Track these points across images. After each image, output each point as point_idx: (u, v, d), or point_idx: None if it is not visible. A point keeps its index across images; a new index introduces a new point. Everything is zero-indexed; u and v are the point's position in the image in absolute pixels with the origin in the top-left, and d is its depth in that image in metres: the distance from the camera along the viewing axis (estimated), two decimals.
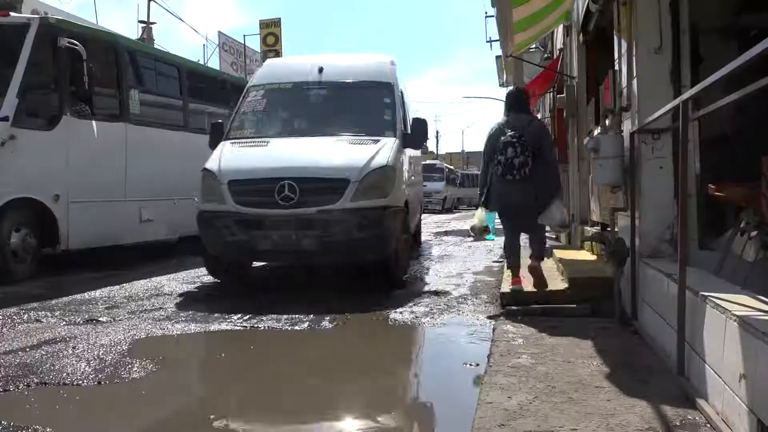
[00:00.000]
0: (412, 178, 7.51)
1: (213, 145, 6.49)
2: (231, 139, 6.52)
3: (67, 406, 2.91)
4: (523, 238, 5.23)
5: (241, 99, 7.17)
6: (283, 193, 5.47)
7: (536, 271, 4.90)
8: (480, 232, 5.25)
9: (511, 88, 6.89)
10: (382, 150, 5.93)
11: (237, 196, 5.62)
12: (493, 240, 10.41)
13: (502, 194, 4.88)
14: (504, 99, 5.40)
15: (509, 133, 4.76)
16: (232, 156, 6.13)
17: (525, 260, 5.05)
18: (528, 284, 4.93)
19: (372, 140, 6.16)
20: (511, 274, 5.03)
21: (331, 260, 6.35)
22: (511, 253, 5.08)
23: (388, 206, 5.68)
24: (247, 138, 6.57)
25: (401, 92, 7.39)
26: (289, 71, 7.50)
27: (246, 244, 5.63)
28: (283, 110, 7.22)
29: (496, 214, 5.31)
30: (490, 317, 4.62)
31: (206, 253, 6.00)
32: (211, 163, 6.02)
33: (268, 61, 8.73)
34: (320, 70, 7.04)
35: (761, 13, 4.88)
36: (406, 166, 6.69)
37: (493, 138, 4.90)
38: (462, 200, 33.38)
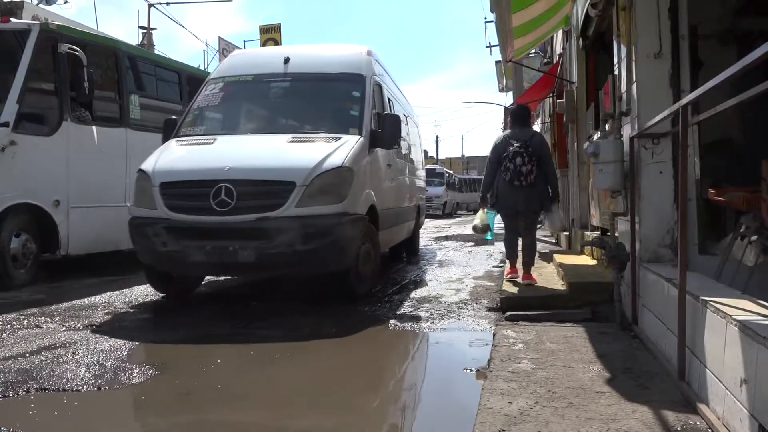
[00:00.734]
0: (390, 182, 6.71)
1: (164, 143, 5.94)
2: (180, 136, 5.92)
3: (67, 411, 2.90)
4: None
5: (197, 93, 6.60)
6: (218, 198, 4.83)
7: (527, 269, 5.57)
8: (482, 231, 6.06)
9: (515, 105, 7.20)
10: (340, 149, 5.26)
11: (169, 201, 5.02)
12: (491, 239, 10.72)
13: (509, 198, 5.47)
14: (509, 114, 6.24)
15: (516, 144, 5.42)
16: (170, 156, 5.51)
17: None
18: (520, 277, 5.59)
19: (331, 138, 5.50)
20: (509, 264, 5.87)
21: (274, 275, 5.87)
22: (509, 248, 5.87)
23: (343, 213, 5.00)
24: (196, 135, 5.92)
25: (379, 85, 6.74)
26: (253, 62, 6.83)
27: (177, 256, 4.97)
28: (240, 105, 6.58)
29: (497, 215, 6.00)
30: (490, 322, 4.62)
31: (145, 264, 5.43)
32: (147, 164, 5.41)
33: (235, 51, 7.88)
34: (286, 60, 6.41)
35: (760, 18, 4.91)
36: (378, 168, 6.10)
37: (500, 148, 5.54)
38: (460, 205, 33.32)
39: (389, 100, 7.33)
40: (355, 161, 5.29)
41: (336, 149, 5.25)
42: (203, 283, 6.50)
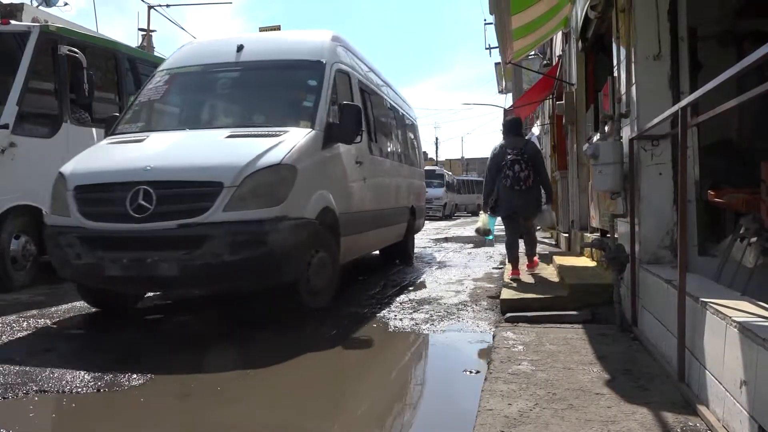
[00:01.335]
0: (360, 181, 6.03)
1: None
2: (116, 134, 5.43)
3: (67, 413, 2.90)
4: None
5: (142, 86, 6.13)
6: (136, 202, 4.26)
7: (530, 259, 6.32)
8: (483, 234, 6.59)
9: (507, 118, 7.66)
10: (282, 144, 4.64)
11: (83, 207, 4.47)
12: (492, 240, 10.75)
13: (510, 201, 6.00)
14: (503, 126, 6.66)
15: (513, 152, 5.94)
16: (93, 155, 4.99)
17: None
18: (526, 278, 5.97)
19: (276, 132, 4.88)
20: (511, 267, 6.09)
21: (204, 290, 5.28)
22: (511, 250, 6.18)
23: (280, 218, 4.36)
24: (130, 133, 5.38)
25: (346, 75, 6.13)
26: (204, 52, 6.26)
27: (93, 270, 4.38)
28: (182, 98, 6.04)
29: (498, 218, 6.39)
30: (490, 324, 4.62)
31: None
32: (66, 165, 4.89)
33: (192, 41, 7.15)
34: (239, 48, 5.85)
35: (759, 19, 4.91)
36: (339, 165, 5.48)
37: (498, 157, 6.08)
38: (459, 207, 33.30)
39: (364, 92, 6.73)
40: (300, 158, 4.65)
41: (276, 145, 4.63)
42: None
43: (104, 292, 4.96)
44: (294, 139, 4.78)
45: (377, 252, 8.34)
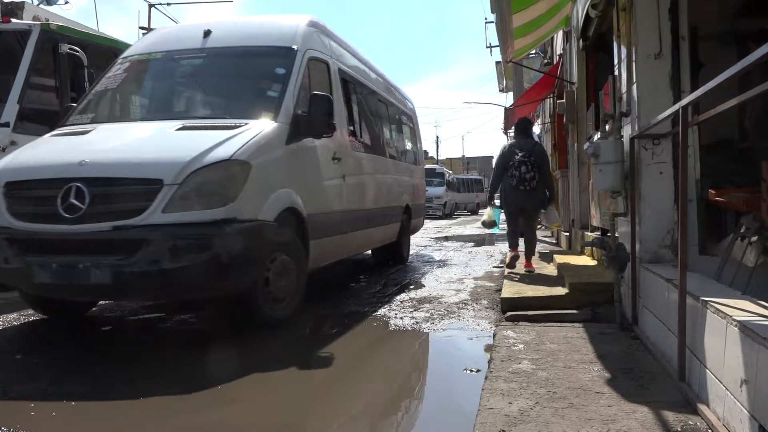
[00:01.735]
0: (337, 179, 5.58)
1: None
2: (65, 125, 5.06)
3: (66, 414, 2.90)
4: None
5: (101, 75, 5.72)
6: (67, 201, 3.84)
7: (527, 259, 6.54)
8: (489, 226, 7.20)
9: (519, 119, 7.68)
10: (236, 138, 4.23)
11: (13, 205, 4.06)
12: (497, 232, 11.28)
13: (514, 199, 6.40)
14: (514, 127, 6.95)
15: (521, 154, 6.30)
16: (31, 149, 4.57)
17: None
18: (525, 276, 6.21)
19: (233, 125, 4.48)
20: (510, 250, 6.70)
21: (143, 300, 4.93)
22: (511, 237, 6.75)
23: (229, 220, 3.92)
24: (79, 124, 4.98)
25: (324, 64, 5.68)
26: (170, 38, 5.78)
27: (22, 275, 3.95)
28: (139, 87, 5.64)
29: (502, 212, 6.89)
30: (490, 322, 4.62)
31: None
32: (1, 160, 4.56)
33: (161, 27, 6.58)
34: (206, 34, 5.41)
35: (760, 18, 4.91)
36: (309, 161, 5.03)
37: (506, 156, 6.44)
38: (459, 205, 33.26)
39: (347, 83, 6.30)
40: (255, 153, 4.22)
41: (230, 138, 4.22)
42: None
43: (49, 299, 4.58)
44: (252, 132, 4.36)
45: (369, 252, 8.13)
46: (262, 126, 4.49)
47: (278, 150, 4.54)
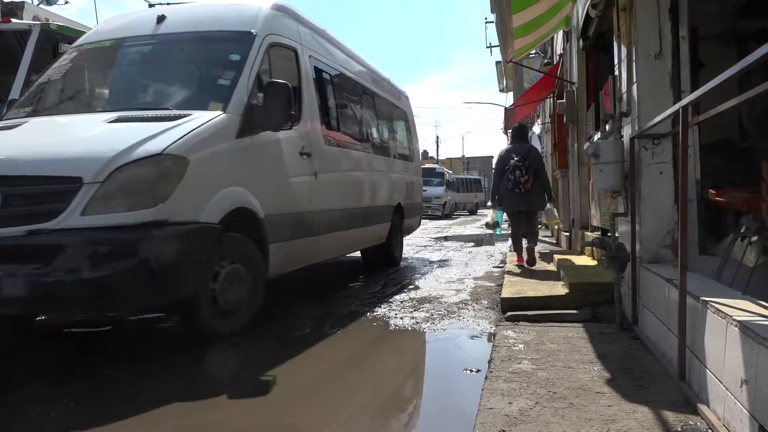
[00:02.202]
0: (304, 176, 5.14)
1: None
2: (5, 119, 4.73)
3: (66, 414, 2.90)
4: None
5: (47, 66, 5.40)
6: None
7: (531, 252, 6.93)
8: (492, 227, 8.00)
9: (516, 124, 8.54)
10: (173, 130, 3.82)
11: None
12: (500, 234, 12.20)
13: (511, 201, 6.82)
14: (510, 131, 7.72)
15: (516, 158, 6.66)
16: None
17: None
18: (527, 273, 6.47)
19: (173, 116, 4.10)
20: (516, 254, 7.13)
21: (66, 311, 4.53)
22: (515, 242, 7.19)
23: (159, 222, 3.53)
24: (15, 117, 4.63)
25: (292, 51, 5.27)
26: (122, 25, 5.38)
27: None
28: (82, 78, 5.22)
29: (504, 214, 7.34)
30: (490, 322, 4.62)
31: None
32: None
33: (117, 15, 6.04)
34: (159, 19, 5.06)
35: (760, 18, 4.91)
36: (267, 157, 4.60)
37: (504, 160, 6.84)
38: (459, 205, 33.25)
39: (321, 72, 5.84)
40: (195, 147, 3.81)
41: (165, 130, 3.81)
42: None
43: None
44: (193, 123, 3.94)
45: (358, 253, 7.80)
46: (206, 117, 4.07)
47: (225, 143, 4.11)
